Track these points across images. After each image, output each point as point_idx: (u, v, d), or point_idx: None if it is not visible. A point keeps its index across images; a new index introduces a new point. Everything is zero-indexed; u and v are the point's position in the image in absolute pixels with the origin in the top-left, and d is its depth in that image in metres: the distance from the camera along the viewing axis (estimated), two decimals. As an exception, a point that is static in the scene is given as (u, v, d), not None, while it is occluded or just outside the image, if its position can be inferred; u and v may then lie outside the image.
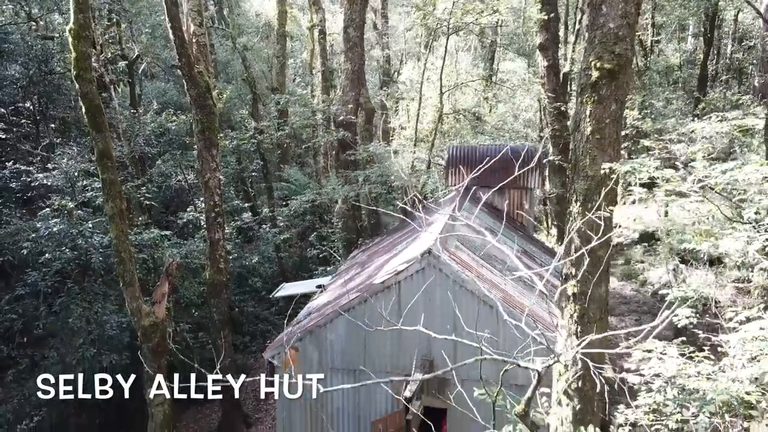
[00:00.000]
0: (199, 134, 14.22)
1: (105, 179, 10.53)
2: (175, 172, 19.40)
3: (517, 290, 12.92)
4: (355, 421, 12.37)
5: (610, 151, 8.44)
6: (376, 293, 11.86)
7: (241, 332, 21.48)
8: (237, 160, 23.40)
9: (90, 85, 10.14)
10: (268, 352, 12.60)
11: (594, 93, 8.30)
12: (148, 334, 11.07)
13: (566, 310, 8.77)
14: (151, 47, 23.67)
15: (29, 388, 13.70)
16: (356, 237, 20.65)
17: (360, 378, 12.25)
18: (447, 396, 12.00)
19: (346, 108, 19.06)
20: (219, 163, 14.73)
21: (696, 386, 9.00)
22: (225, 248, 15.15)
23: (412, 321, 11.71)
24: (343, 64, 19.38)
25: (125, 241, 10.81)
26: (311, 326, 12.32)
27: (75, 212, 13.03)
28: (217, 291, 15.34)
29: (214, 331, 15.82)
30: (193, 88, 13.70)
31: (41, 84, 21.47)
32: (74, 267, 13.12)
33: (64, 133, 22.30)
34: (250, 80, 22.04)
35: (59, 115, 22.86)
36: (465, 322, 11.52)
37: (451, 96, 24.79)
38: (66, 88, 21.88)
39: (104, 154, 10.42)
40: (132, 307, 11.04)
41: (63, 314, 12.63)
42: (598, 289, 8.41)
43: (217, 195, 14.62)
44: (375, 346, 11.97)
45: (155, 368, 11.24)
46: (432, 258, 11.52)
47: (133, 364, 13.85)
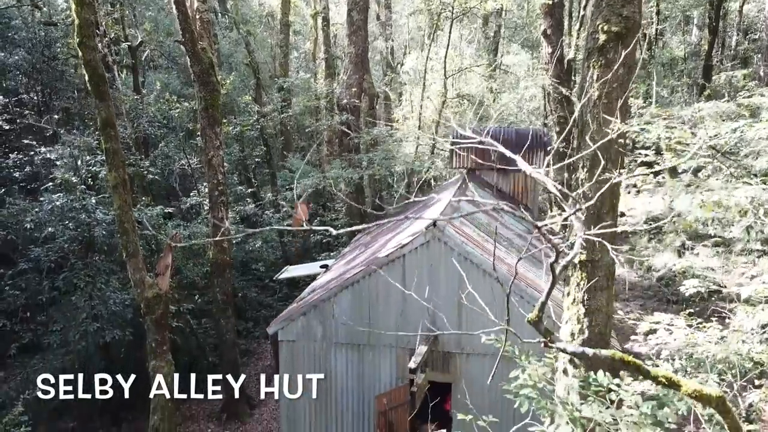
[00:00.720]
0: (202, 112, 14.16)
1: (108, 148, 10.46)
2: (178, 157, 19.35)
3: (523, 266, 12.82)
4: (360, 397, 12.29)
5: (617, 115, 8.35)
6: (381, 267, 11.78)
7: (244, 318, 21.41)
8: (240, 148, 23.35)
9: (93, 53, 10.08)
10: (272, 327, 12.54)
11: (601, 56, 8.16)
12: (151, 305, 11.00)
13: (573, 278, 8.63)
14: (154, 34, 23.65)
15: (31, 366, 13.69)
16: (360, 222, 20.57)
17: (364, 352, 12.18)
18: (452, 370, 11.93)
19: (350, 92, 19.00)
20: (222, 142, 14.66)
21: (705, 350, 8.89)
22: (228, 228, 15.08)
23: (417, 294, 11.65)
24: (347, 48, 19.32)
25: (128, 212, 10.74)
26: (315, 300, 12.24)
27: (78, 187, 12.97)
28: (221, 271, 15.28)
29: (217, 311, 15.77)
30: (196, 65, 13.64)
31: (45, 72, 21.46)
32: (77, 243, 13.07)
33: (67, 123, 22.26)
34: (254, 65, 21.98)
35: (63, 105, 22.83)
36: (470, 295, 11.53)
37: (456, 83, 24.71)
38: (69, 75, 21.88)
39: (107, 123, 10.35)
40: (135, 279, 10.97)
41: (65, 289, 12.57)
42: (605, 256, 8.29)
43: (220, 174, 14.56)
44: (379, 320, 11.89)
45: (158, 341, 11.18)
46: (437, 231, 11.44)
47: (137, 339, 13.81)
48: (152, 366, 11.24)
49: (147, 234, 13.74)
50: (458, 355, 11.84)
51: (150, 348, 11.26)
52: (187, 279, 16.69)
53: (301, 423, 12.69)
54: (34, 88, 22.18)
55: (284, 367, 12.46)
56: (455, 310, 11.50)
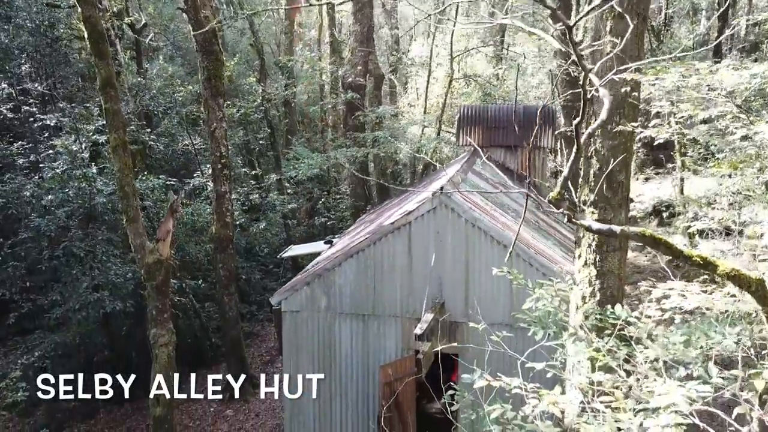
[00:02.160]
0: (205, 82, 13.94)
1: (108, 109, 10.25)
2: (181, 137, 19.15)
3: (532, 235, 12.54)
4: (364, 368, 12.01)
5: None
6: (386, 234, 11.51)
7: (248, 301, 21.22)
8: (244, 132, 23.13)
9: (92, 9, 9.87)
10: (275, 297, 12.29)
11: (614, 6, 7.92)
12: (151, 271, 10.76)
13: (584, 240, 8.32)
14: (158, 18, 23.48)
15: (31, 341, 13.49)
16: (364, 204, 20.32)
17: (369, 323, 11.91)
18: (458, 340, 11.63)
19: (355, 70, 18.77)
20: (225, 113, 14.44)
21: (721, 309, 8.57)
22: (231, 201, 14.86)
23: (423, 263, 11.39)
24: (352, 27, 19.09)
25: (128, 175, 10.52)
26: (319, 270, 11.98)
27: (79, 155, 12.76)
28: (224, 246, 15.04)
29: (220, 288, 15.54)
30: (198, 33, 13.42)
31: (49, 56, 21.27)
32: (78, 214, 12.86)
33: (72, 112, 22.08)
34: (258, 46, 21.76)
35: (67, 94, 22.64)
36: (478, 264, 11.25)
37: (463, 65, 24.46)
38: (73, 57, 21.69)
39: (107, 82, 10.14)
40: (135, 244, 10.75)
41: (65, 259, 12.37)
42: (618, 216, 7.99)
43: (223, 146, 14.33)
44: (384, 289, 11.62)
45: (159, 308, 10.95)
46: (444, 197, 11.16)
47: (138, 312, 13.59)
48: (152, 334, 11.01)
49: (149, 206, 13.53)
50: (465, 324, 11.53)
51: (151, 315, 11.02)
52: (190, 256, 16.47)
53: (305, 398, 12.40)
54: (39, 75, 21.99)
55: (287, 338, 12.21)
56: (462, 277, 11.22)
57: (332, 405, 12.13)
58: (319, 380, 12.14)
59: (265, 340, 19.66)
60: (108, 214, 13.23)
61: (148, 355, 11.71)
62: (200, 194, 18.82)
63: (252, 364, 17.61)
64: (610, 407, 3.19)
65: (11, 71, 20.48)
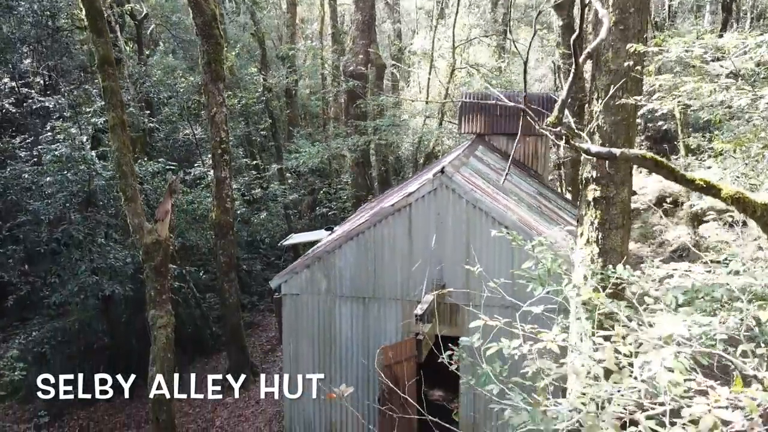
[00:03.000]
0: (205, 66, 13.86)
1: (106, 87, 10.18)
2: (182, 126, 19.09)
3: (533, 218, 12.42)
4: (365, 352, 11.90)
5: (634, 42, 7.94)
6: (386, 216, 11.41)
7: (249, 292, 21.14)
8: (245, 123, 23.06)
9: (90, -14, 9.80)
10: (275, 280, 12.20)
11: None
12: (150, 252, 10.68)
13: (586, 217, 8.19)
14: (159, 8, 23.44)
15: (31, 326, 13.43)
16: (366, 194, 20.23)
17: (369, 306, 11.81)
18: (459, 323, 11.53)
19: (357, 59, 18.68)
20: (225, 98, 14.36)
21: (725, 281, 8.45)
22: (231, 187, 14.78)
23: (423, 245, 11.28)
24: (353, 15, 19.02)
25: (127, 154, 10.45)
26: (320, 252, 11.89)
27: (78, 138, 12.70)
28: (224, 232, 14.96)
29: (220, 275, 15.46)
30: (199, 16, 13.36)
31: (51, 48, 21.22)
32: (78, 198, 12.80)
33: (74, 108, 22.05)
34: (259, 35, 21.70)
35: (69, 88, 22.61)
36: (479, 245, 11.13)
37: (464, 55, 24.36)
38: (75, 48, 21.65)
39: (105, 59, 10.07)
40: (134, 224, 10.66)
41: (64, 242, 12.29)
42: (621, 192, 7.86)
43: (223, 131, 14.25)
44: (385, 272, 11.52)
45: (157, 289, 10.86)
46: (445, 177, 11.04)
47: (137, 298, 13.52)
48: (151, 315, 10.92)
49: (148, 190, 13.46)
50: (465, 308, 11.42)
51: (149, 297, 10.94)
52: (191, 243, 16.40)
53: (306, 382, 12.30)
54: (41, 68, 21.94)
55: (287, 321, 12.12)
56: (463, 259, 11.10)
57: (332, 388, 12.01)
58: (321, 364, 12.05)
59: (266, 330, 19.58)
60: (107, 197, 13.15)
61: (148, 341, 11.63)
62: (201, 183, 18.76)
63: (253, 353, 17.52)
64: (608, 339, 3.09)
65: (13, 63, 20.46)
